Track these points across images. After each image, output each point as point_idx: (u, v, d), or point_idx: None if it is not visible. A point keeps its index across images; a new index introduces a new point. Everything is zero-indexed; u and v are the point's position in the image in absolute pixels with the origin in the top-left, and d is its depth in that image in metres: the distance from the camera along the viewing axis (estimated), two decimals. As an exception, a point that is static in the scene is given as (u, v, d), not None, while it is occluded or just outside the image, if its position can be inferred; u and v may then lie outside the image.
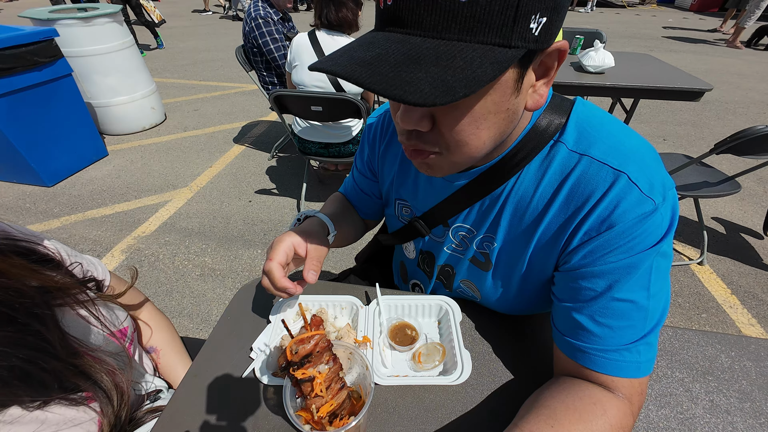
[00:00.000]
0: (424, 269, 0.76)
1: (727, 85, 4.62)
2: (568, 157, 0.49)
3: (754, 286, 1.86)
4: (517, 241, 0.56)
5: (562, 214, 0.50)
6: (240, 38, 2.80)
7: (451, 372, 0.59)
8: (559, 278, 0.53)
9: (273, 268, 0.58)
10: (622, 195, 0.45)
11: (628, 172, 0.45)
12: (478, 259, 0.63)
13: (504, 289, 0.62)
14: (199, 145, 3.18)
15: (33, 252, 0.56)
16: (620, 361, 0.47)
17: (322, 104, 1.78)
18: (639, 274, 0.46)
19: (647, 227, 0.44)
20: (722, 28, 7.82)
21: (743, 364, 0.63)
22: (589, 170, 0.47)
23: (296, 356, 0.37)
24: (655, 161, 0.48)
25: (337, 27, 1.86)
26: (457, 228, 0.64)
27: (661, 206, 0.44)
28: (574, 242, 0.49)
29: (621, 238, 0.45)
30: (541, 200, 0.52)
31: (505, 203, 0.55)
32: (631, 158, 0.46)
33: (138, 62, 3.19)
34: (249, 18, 2.41)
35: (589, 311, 0.48)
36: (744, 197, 2.52)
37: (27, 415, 0.44)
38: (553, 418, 0.44)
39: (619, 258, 0.46)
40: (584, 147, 0.48)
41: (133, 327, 0.70)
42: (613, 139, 0.48)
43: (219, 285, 1.87)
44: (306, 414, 0.41)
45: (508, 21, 0.33)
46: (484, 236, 0.60)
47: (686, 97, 2.02)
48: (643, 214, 0.44)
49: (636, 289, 0.46)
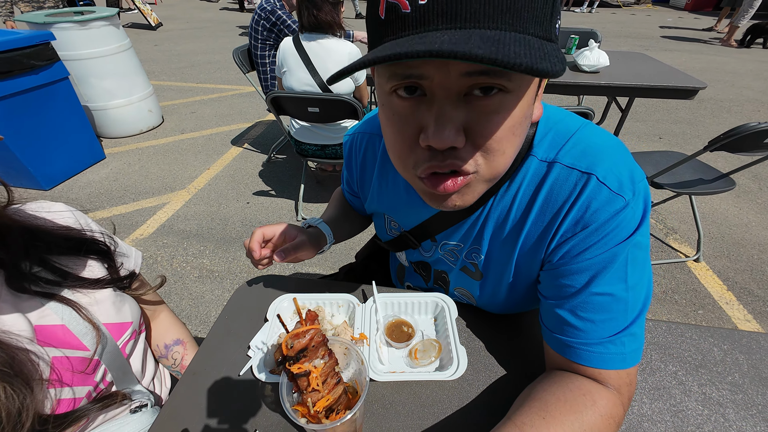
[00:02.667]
0: (420, 273, 0.78)
1: (722, 83, 4.65)
2: (538, 168, 0.51)
3: (749, 283, 1.87)
4: (502, 251, 0.58)
5: (539, 222, 0.52)
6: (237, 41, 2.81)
7: (447, 368, 0.60)
8: (543, 277, 0.55)
9: (256, 232, 0.65)
10: (593, 196, 0.46)
11: (596, 173, 0.46)
12: (469, 268, 0.65)
13: (495, 294, 0.64)
14: (196, 147, 3.18)
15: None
16: (605, 354, 0.48)
17: (318, 105, 1.79)
18: (615, 267, 0.47)
19: (619, 222, 0.46)
20: (717, 26, 7.87)
21: (735, 357, 0.64)
22: (560, 177, 0.49)
23: (292, 351, 0.37)
24: (622, 156, 0.48)
25: (319, 29, 1.86)
26: (444, 245, 0.66)
27: (632, 201, 0.46)
28: (552, 244, 0.51)
29: (595, 235, 0.47)
30: (519, 211, 0.53)
31: (487, 218, 0.57)
32: (598, 158, 0.47)
33: (135, 65, 3.19)
34: (262, 11, 2.43)
35: (570, 306, 0.50)
36: (739, 194, 2.53)
37: None
38: (545, 410, 0.45)
39: (595, 254, 0.47)
40: (553, 155, 0.50)
41: (138, 327, 0.69)
42: (579, 142, 0.49)
43: (217, 286, 1.87)
44: (302, 408, 0.42)
45: (547, 15, 0.34)
46: (470, 248, 0.62)
47: (681, 96, 2.04)
48: (615, 211, 0.45)
49: (613, 282, 0.47)
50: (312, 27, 1.85)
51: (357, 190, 0.78)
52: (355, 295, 0.74)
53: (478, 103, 0.36)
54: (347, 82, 1.97)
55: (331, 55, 1.88)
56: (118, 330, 0.63)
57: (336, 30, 1.89)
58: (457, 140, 0.37)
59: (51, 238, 0.56)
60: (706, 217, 2.33)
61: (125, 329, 0.64)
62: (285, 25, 2.45)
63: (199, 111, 3.88)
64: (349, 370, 0.52)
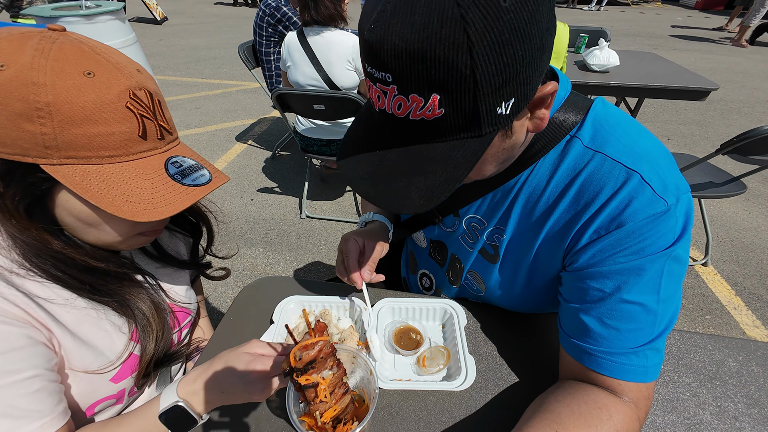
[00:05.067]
0: (435, 258, 0.76)
1: (732, 84, 4.58)
2: (582, 153, 0.49)
3: (758, 288, 1.85)
4: (526, 234, 0.56)
5: (572, 208, 0.50)
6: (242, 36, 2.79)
7: (455, 377, 0.59)
8: (566, 278, 0.53)
9: (350, 249, 0.68)
10: (634, 194, 0.45)
11: (641, 171, 0.45)
12: (487, 251, 0.63)
13: (509, 282, 0.62)
14: (200, 143, 3.18)
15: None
16: (627, 365, 0.47)
17: (324, 102, 1.78)
18: (649, 276, 0.45)
19: (659, 229, 0.44)
20: (728, 26, 7.75)
21: (751, 368, 0.62)
22: (603, 167, 0.47)
23: (300, 362, 0.36)
24: (669, 164, 0.47)
25: (322, 22, 1.85)
26: (469, 219, 0.64)
27: (674, 208, 0.44)
28: (583, 240, 0.49)
29: (631, 238, 0.45)
30: (553, 194, 0.52)
31: (518, 195, 0.55)
32: (645, 158, 0.46)
33: (140, 60, 3.17)
34: (267, 7, 2.42)
35: (596, 312, 0.48)
36: (749, 198, 2.50)
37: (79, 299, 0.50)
38: (558, 422, 0.44)
39: (629, 259, 0.45)
40: (599, 144, 0.48)
41: (191, 321, 0.71)
42: (629, 139, 0.48)
43: (221, 284, 1.86)
44: (309, 419, 0.41)
45: (474, 123, 0.36)
46: (494, 228, 0.60)
47: (692, 97, 2.01)
48: (655, 214, 0.44)
49: (645, 292, 0.45)
50: (314, 21, 1.84)
51: None
52: (362, 299, 0.72)
53: None
54: (352, 76, 1.95)
55: (335, 47, 1.86)
56: (181, 313, 0.66)
57: (339, 22, 1.87)
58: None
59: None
60: (714, 220, 2.30)
61: (188, 314, 0.68)
62: (291, 21, 2.43)
63: (204, 107, 3.87)
64: (355, 377, 0.51)
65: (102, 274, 0.51)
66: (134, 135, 0.43)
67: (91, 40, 0.45)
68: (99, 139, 0.41)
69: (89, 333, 0.50)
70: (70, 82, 0.39)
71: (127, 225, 0.47)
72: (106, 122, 0.41)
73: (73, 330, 0.48)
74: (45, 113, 0.38)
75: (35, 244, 0.44)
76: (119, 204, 0.41)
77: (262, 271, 1.94)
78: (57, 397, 0.45)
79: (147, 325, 0.55)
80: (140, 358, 0.56)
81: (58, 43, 0.40)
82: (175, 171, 0.47)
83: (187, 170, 0.48)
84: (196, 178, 0.48)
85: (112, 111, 0.41)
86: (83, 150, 0.41)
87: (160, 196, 0.44)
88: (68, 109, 0.38)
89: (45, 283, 0.46)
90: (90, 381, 0.51)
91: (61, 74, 0.39)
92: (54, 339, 0.47)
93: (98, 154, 0.42)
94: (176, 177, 0.46)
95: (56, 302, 0.47)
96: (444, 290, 0.77)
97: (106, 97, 0.41)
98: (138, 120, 0.43)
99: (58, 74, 0.38)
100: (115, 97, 0.41)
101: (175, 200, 0.44)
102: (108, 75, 0.42)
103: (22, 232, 0.43)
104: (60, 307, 0.47)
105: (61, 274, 0.47)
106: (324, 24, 1.85)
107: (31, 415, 0.41)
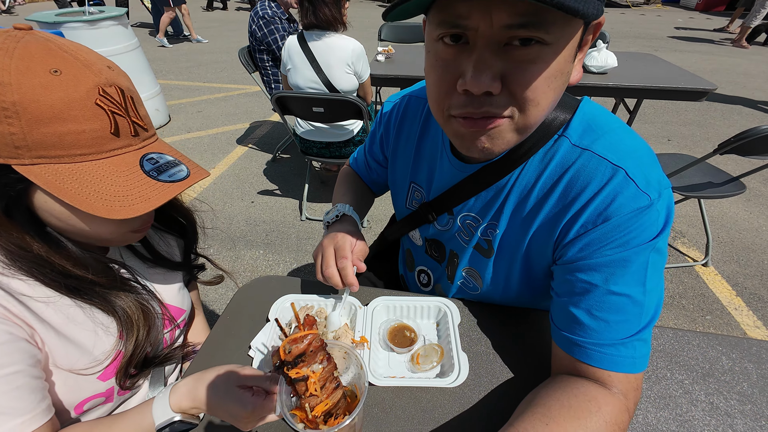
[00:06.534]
0: (432, 255, 0.77)
1: (733, 84, 4.57)
2: (570, 151, 0.51)
3: (759, 288, 1.84)
4: (518, 228, 0.58)
5: (560, 202, 0.52)
6: (243, 40, 2.82)
7: (448, 374, 0.59)
8: (557, 272, 0.55)
9: (348, 266, 0.66)
10: (619, 189, 0.46)
11: (625, 167, 0.47)
12: (482, 246, 0.65)
13: (505, 276, 0.64)
14: (202, 146, 3.20)
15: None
16: (616, 356, 0.47)
17: (323, 105, 1.79)
18: (635, 268, 0.46)
19: (643, 222, 0.45)
20: (729, 27, 7.74)
21: (744, 366, 0.63)
22: (589, 164, 0.49)
23: (289, 356, 0.37)
24: (652, 161, 0.49)
25: (322, 27, 1.86)
26: (463, 217, 0.65)
27: (656, 202, 0.46)
28: (571, 233, 0.50)
29: (617, 231, 0.46)
30: (542, 189, 0.54)
31: (510, 193, 0.57)
32: (629, 155, 0.48)
33: (142, 64, 3.22)
34: (257, 17, 2.43)
35: (585, 304, 0.49)
36: (749, 198, 2.49)
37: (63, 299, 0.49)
38: (548, 416, 0.44)
39: (615, 251, 0.47)
40: (587, 143, 0.50)
41: (185, 320, 0.71)
42: (615, 137, 0.50)
43: (221, 285, 1.87)
44: (300, 413, 0.41)
45: None
46: (488, 224, 0.62)
47: (690, 97, 2.01)
48: (639, 208, 0.45)
49: (632, 284, 0.47)
50: (313, 25, 1.85)
51: (385, 156, 0.79)
52: (357, 298, 0.73)
53: (516, 53, 0.38)
54: (351, 79, 1.96)
55: (334, 51, 1.88)
56: (174, 310, 0.67)
57: (338, 26, 1.89)
58: (493, 86, 0.39)
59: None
60: (715, 220, 2.29)
61: (181, 314, 0.68)
62: (276, 45, 2.44)
63: (206, 110, 3.90)
64: (349, 374, 0.52)
65: (83, 277, 0.50)
66: (106, 132, 0.43)
67: (60, 38, 0.44)
68: (69, 138, 0.40)
69: (74, 331, 0.50)
70: (36, 81, 0.38)
71: (109, 223, 0.47)
72: (76, 120, 0.40)
73: (58, 327, 0.48)
74: (12, 113, 0.37)
75: (15, 246, 0.44)
76: (93, 202, 0.41)
77: (262, 273, 1.95)
78: (39, 395, 0.44)
79: (129, 324, 0.55)
80: (123, 358, 0.55)
81: (24, 42, 0.40)
82: (151, 167, 0.46)
83: (164, 166, 0.48)
84: (173, 174, 0.47)
85: (81, 108, 0.40)
86: (54, 149, 0.40)
87: (136, 193, 0.43)
88: (35, 108, 0.38)
89: (28, 281, 0.46)
90: (76, 379, 0.50)
91: (26, 73, 0.38)
92: (36, 335, 0.46)
93: (70, 152, 0.41)
94: (152, 173, 0.46)
95: (40, 300, 0.47)
96: (442, 286, 0.77)
97: (74, 95, 0.40)
98: (109, 117, 0.43)
99: (24, 73, 0.38)
100: (83, 94, 0.41)
101: (151, 197, 0.44)
102: (76, 72, 0.41)
103: (1, 234, 0.43)
104: (43, 304, 0.47)
105: (43, 277, 0.47)
106: (324, 28, 1.87)
107: (11, 411, 0.41)
